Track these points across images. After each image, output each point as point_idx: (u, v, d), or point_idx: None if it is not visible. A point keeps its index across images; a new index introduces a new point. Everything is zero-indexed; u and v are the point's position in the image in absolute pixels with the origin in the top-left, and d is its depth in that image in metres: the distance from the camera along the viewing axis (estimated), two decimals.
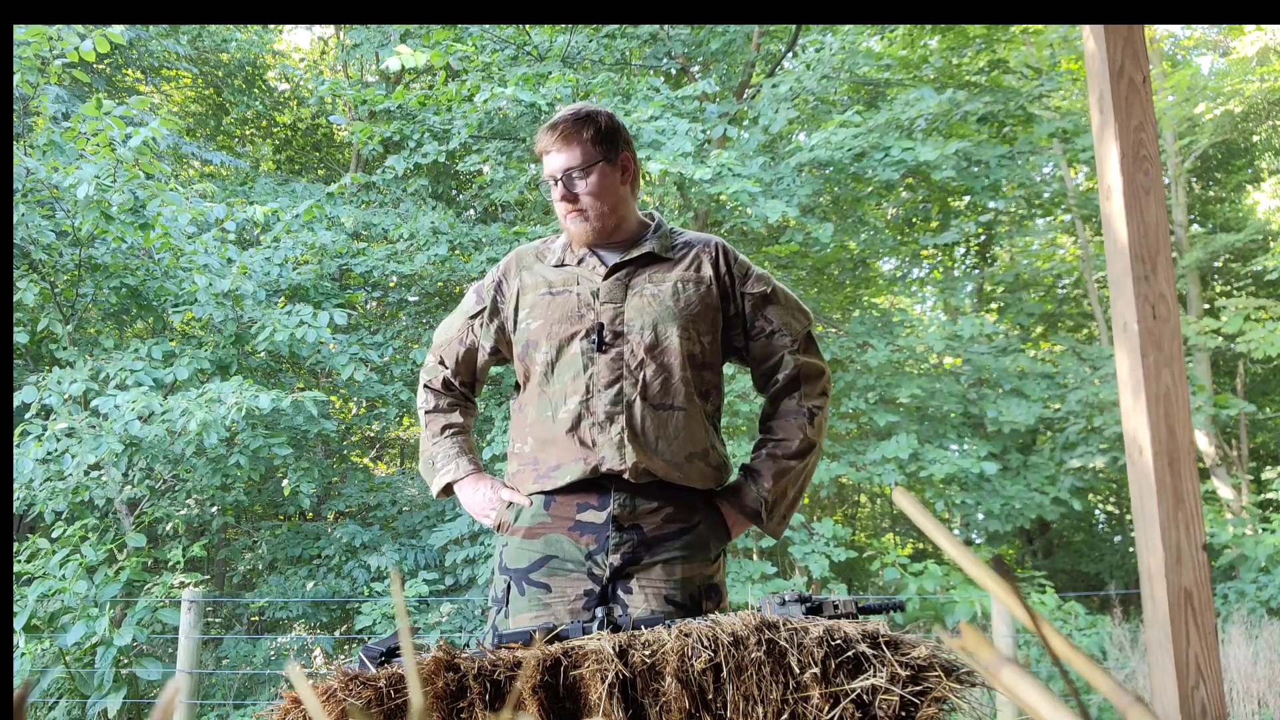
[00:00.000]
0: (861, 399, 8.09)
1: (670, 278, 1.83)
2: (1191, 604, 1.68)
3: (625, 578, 1.72)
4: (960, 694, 1.18)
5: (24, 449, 5.09)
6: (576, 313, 1.79)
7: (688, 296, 1.81)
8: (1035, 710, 0.44)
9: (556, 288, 1.83)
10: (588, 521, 1.74)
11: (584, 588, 1.71)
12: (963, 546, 0.49)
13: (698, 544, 1.76)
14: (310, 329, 6.05)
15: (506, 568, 1.79)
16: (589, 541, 1.72)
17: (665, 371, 1.77)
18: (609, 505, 1.73)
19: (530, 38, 7.96)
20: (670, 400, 1.77)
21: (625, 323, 1.78)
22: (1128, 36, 1.86)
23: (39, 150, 5.59)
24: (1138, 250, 1.79)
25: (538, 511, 1.77)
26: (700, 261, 1.86)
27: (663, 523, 1.74)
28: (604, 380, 1.75)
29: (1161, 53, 11.87)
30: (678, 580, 1.72)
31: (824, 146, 7.12)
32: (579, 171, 1.81)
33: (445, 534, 6.49)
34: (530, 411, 1.83)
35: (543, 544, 1.75)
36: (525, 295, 1.86)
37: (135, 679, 4.78)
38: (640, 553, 1.72)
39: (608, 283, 1.81)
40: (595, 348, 1.77)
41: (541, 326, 1.81)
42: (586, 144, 1.82)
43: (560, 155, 1.82)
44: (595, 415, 1.74)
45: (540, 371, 1.81)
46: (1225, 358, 10.92)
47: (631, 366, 1.76)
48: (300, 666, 0.53)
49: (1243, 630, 5.65)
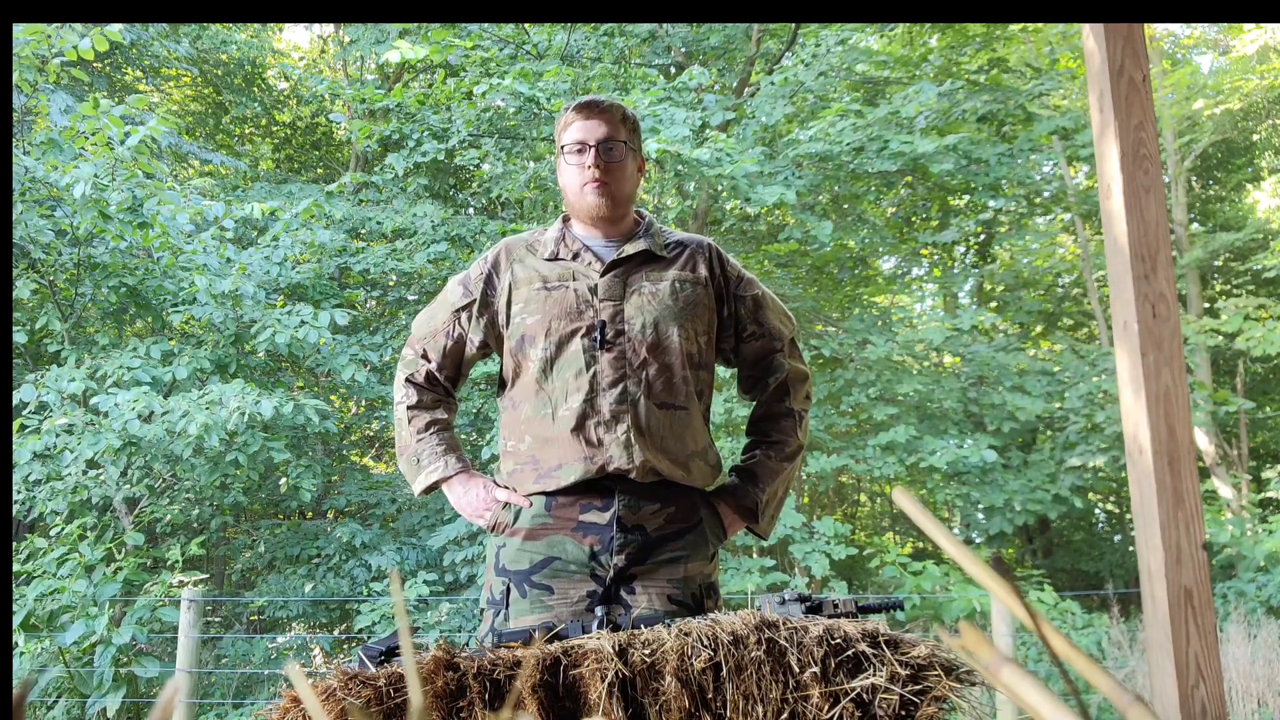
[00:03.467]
0: (862, 394, 8.09)
1: (667, 276, 1.82)
2: (1191, 603, 1.68)
3: (629, 579, 1.71)
4: (960, 693, 1.18)
5: (21, 440, 5.09)
6: (576, 309, 1.77)
7: (686, 296, 1.82)
8: (1035, 709, 0.44)
9: (552, 282, 1.81)
10: (591, 522, 1.72)
11: (586, 589, 1.70)
12: (962, 545, 0.49)
13: (698, 543, 1.76)
14: (311, 329, 6.04)
15: (505, 570, 1.75)
16: (593, 542, 1.71)
17: (667, 370, 1.77)
18: (613, 506, 1.72)
19: (529, 36, 7.95)
20: (673, 399, 1.78)
21: (625, 320, 1.77)
22: (1128, 35, 1.86)
23: (37, 149, 5.58)
24: (1138, 249, 1.79)
25: (539, 512, 1.75)
26: (695, 262, 1.87)
27: (665, 523, 1.74)
28: (608, 379, 1.74)
29: (1161, 51, 11.87)
30: (680, 579, 1.72)
31: (822, 139, 7.11)
32: (616, 145, 1.82)
33: (444, 534, 6.49)
34: (525, 408, 1.80)
35: (545, 545, 1.73)
36: (518, 289, 1.83)
37: (134, 678, 4.77)
38: (644, 553, 1.72)
39: (605, 279, 1.80)
40: (598, 345, 1.75)
41: (539, 322, 1.78)
42: (620, 125, 1.84)
43: (600, 125, 1.81)
44: (601, 414, 1.73)
45: (537, 367, 1.78)
46: (1225, 356, 10.92)
47: (634, 365, 1.76)
48: (299, 666, 0.52)
49: (1242, 630, 5.65)
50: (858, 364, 8.41)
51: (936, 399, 8.27)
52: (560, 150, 1.86)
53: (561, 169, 1.87)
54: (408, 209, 7.97)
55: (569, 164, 1.83)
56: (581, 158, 1.81)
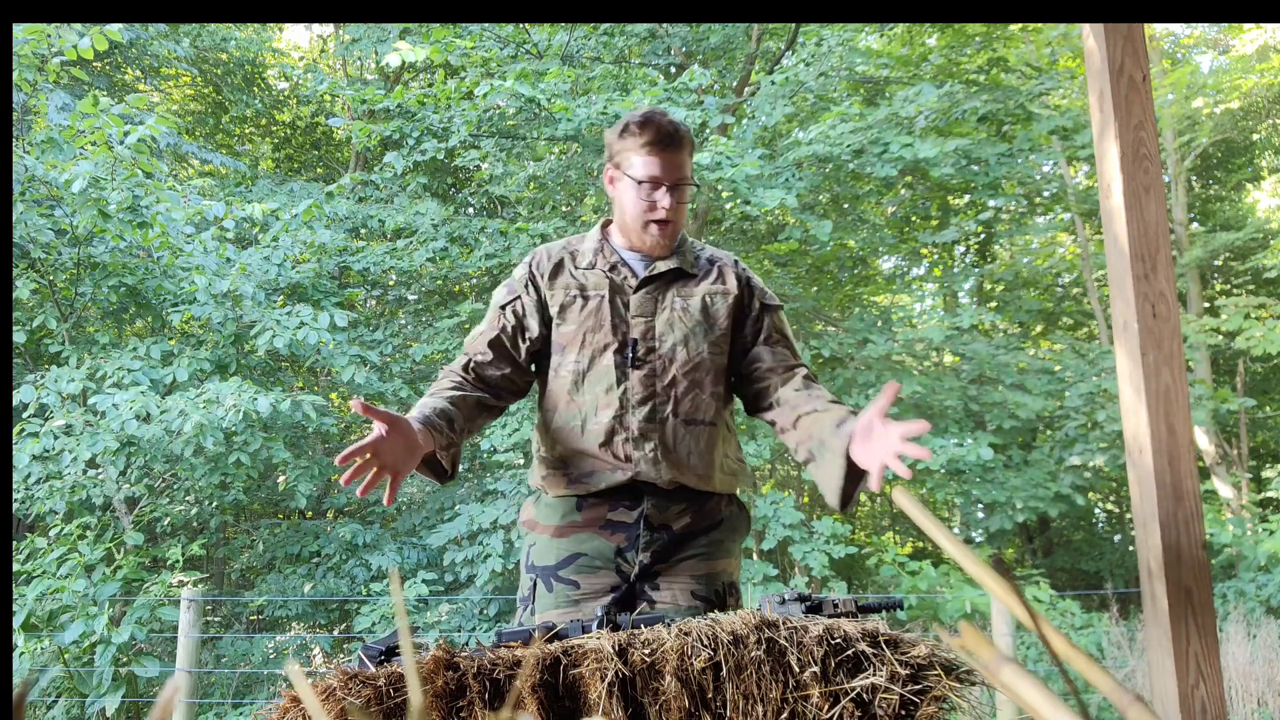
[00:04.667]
0: (862, 395, 8.09)
1: (698, 292, 1.83)
2: (1191, 603, 1.68)
3: (653, 575, 1.75)
4: (960, 693, 1.18)
5: (21, 445, 5.09)
6: (610, 323, 1.78)
7: (715, 310, 1.83)
8: (1035, 709, 0.44)
9: (589, 291, 1.82)
10: (619, 520, 1.76)
11: (610, 583, 1.74)
12: (962, 545, 0.49)
13: (722, 541, 1.80)
14: (311, 330, 6.04)
15: (534, 565, 1.80)
16: (620, 539, 1.75)
17: (696, 388, 1.79)
18: (641, 505, 1.76)
19: (529, 36, 7.95)
20: (701, 416, 1.79)
21: (657, 337, 1.79)
22: (1127, 35, 1.86)
23: (37, 148, 5.58)
24: (1137, 249, 1.79)
25: (569, 511, 1.79)
26: (724, 275, 1.87)
27: (690, 523, 1.78)
28: (638, 396, 1.76)
29: (1161, 51, 11.86)
30: (703, 576, 1.76)
31: (822, 141, 7.11)
32: (687, 185, 1.80)
33: (444, 534, 6.49)
34: (555, 418, 1.82)
35: (572, 542, 1.77)
36: (555, 294, 1.83)
37: (134, 677, 4.77)
38: (669, 551, 1.76)
39: (639, 295, 1.81)
40: (629, 363, 1.77)
41: (573, 332, 1.80)
42: (689, 160, 1.81)
43: (676, 166, 1.77)
44: (629, 431, 1.75)
45: (570, 379, 1.79)
46: (1225, 356, 10.92)
47: (664, 383, 1.77)
48: (299, 665, 0.52)
49: (1242, 629, 5.65)
50: (858, 363, 8.41)
51: (937, 398, 8.26)
52: (622, 170, 1.80)
53: (622, 190, 1.81)
54: (408, 208, 7.97)
55: (637, 195, 1.78)
56: (653, 194, 1.77)
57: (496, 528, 6.34)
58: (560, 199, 8.61)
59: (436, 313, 8.85)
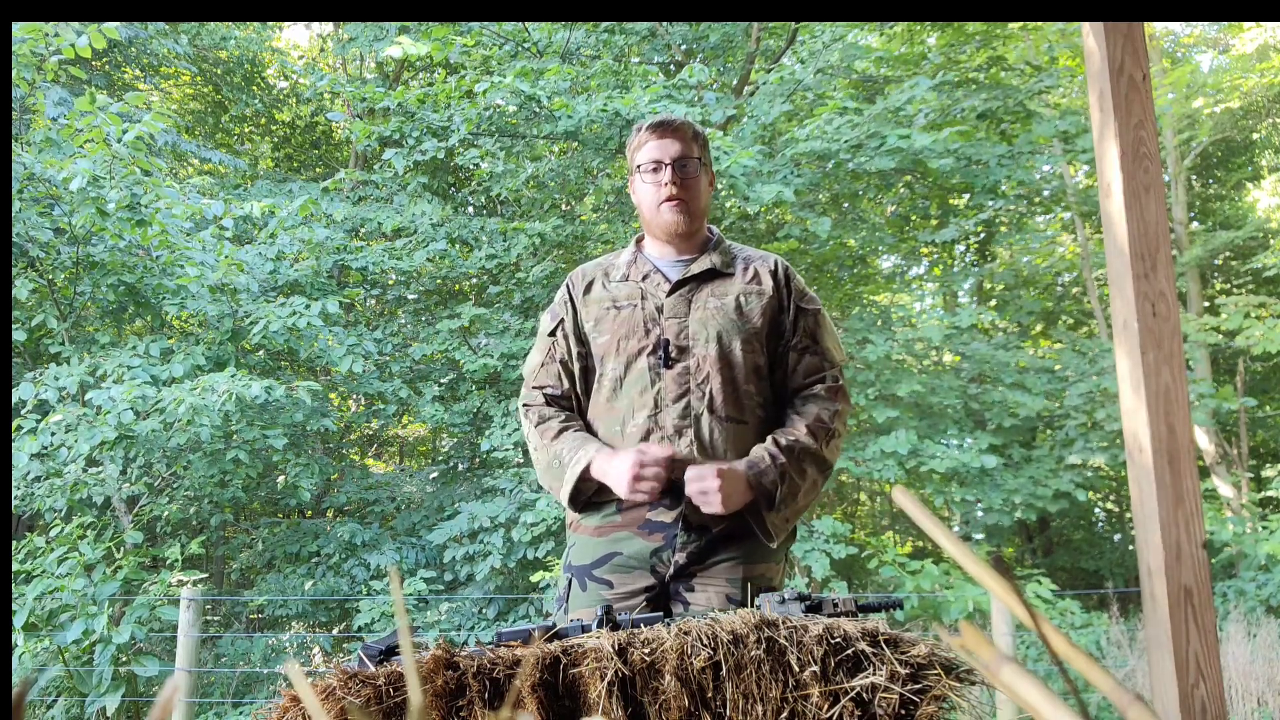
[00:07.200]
0: (861, 394, 8.09)
1: (732, 290, 1.86)
2: (1191, 602, 1.68)
3: (688, 576, 1.76)
4: (960, 692, 1.18)
5: (20, 441, 5.09)
6: (643, 328, 1.82)
7: (750, 309, 1.84)
8: (1035, 709, 0.44)
9: (621, 302, 1.87)
10: (658, 520, 1.77)
11: (645, 583, 1.76)
12: (962, 544, 0.49)
13: (759, 545, 1.79)
14: (303, 317, 6.05)
15: (570, 565, 1.83)
16: (657, 539, 1.76)
17: (731, 384, 1.80)
18: (679, 506, 1.76)
19: (529, 34, 7.95)
20: (736, 413, 1.80)
21: (690, 336, 1.81)
22: (1127, 34, 1.86)
23: (35, 147, 5.57)
24: (1137, 248, 1.79)
25: (610, 512, 1.80)
26: (760, 274, 1.89)
27: (728, 525, 1.77)
28: (671, 394, 1.78)
29: (1161, 50, 11.86)
30: (738, 580, 1.76)
31: (819, 136, 7.10)
32: (690, 162, 1.86)
33: (444, 532, 6.49)
34: (600, 426, 1.86)
35: (609, 541, 1.79)
36: (589, 309, 1.89)
37: (134, 677, 4.77)
38: (705, 553, 1.76)
39: (671, 298, 1.84)
40: (662, 363, 1.79)
41: (608, 342, 1.84)
42: (692, 142, 1.88)
43: (674, 143, 1.85)
44: (664, 429, 1.77)
45: (609, 387, 1.84)
46: (1225, 355, 10.92)
47: (699, 380, 1.79)
48: (299, 664, 0.52)
49: (1242, 629, 5.65)
50: (858, 363, 8.40)
51: (937, 398, 8.26)
52: (635, 169, 1.90)
53: (637, 187, 1.91)
54: (407, 208, 7.96)
55: (645, 183, 1.88)
56: (658, 176, 1.85)
57: (496, 525, 6.34)
58: (560, 198, 8.61)
59: (436, 312, 8.85)
